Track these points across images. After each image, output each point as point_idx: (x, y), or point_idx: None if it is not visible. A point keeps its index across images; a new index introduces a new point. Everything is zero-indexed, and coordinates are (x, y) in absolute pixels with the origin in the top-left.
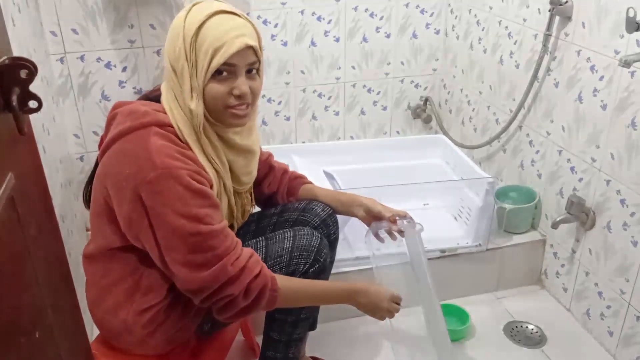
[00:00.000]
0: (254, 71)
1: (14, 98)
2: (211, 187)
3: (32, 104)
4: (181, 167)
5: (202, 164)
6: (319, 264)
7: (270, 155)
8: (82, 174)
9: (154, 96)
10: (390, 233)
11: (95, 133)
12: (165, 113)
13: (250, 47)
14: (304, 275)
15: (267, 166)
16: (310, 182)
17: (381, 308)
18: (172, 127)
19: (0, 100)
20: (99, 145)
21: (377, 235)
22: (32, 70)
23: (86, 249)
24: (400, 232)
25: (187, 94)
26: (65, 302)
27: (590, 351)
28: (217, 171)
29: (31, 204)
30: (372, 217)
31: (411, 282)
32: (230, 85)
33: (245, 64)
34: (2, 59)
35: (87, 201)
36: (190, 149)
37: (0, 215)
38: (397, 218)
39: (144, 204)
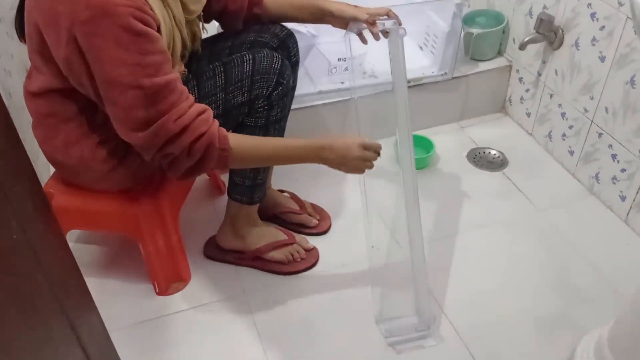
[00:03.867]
0: None
1: None
2: (158, 27)
3: None
4: (120, 4)
5: None
6: (282, 87)
7: None
8: (13, 10)
9: None
10: (374, 35)
11: None
12: None
13: None
14: (268, 99)
15: None
16: None
17: (353, 158)
18: None
19: None
20: None
21: (360, 35)
22: None
23: (28, 85)
24: (385, 33)
25: None
26: (7, 143)
27: (550, 170)
28: (163, 2)
29: None
30: (348, 24)
31: (384, 110)
32: None
33: None
34: None
35: (21, 35)
36: None
37: None
38: (377, 19)
39: (81, 48)
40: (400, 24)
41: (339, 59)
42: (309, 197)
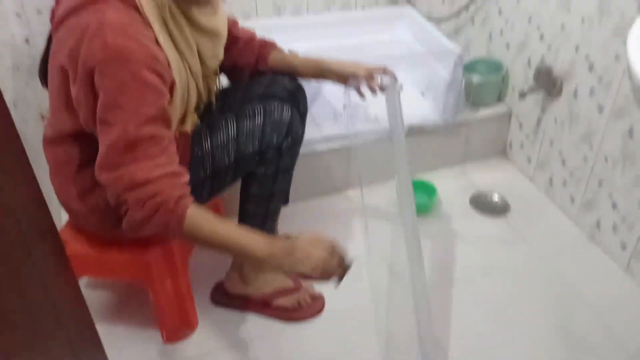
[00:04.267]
0: None
1: None
2: (172, 84)
3: None
4: (136, 51)
5: (162, 46)
6: (291, 137)
7: (234, 23)
8: (31, 59)
9: None
10: (372, 89)
11: (38, 12)
12: None
13: None
14: (278, 150)
15: (231, 37)
16: (279, 48)
17: (319, 252)
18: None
19: None
20: (51, 20)
21: (358, 90)
22: None
23: (46, 132)
24: (381, 88)
25: None
26: (34, 205)
27: (552, 217)
28: (181, 53)
29: None
30: (348, 80)
31: (387, 154)
32: None
33: None
34: None
35: (43, 78)
36: (151, 27)
37: None
38: (375, 75)
39: (94, 85)
40: (396, 80)
41: (344, 105)
42: None
